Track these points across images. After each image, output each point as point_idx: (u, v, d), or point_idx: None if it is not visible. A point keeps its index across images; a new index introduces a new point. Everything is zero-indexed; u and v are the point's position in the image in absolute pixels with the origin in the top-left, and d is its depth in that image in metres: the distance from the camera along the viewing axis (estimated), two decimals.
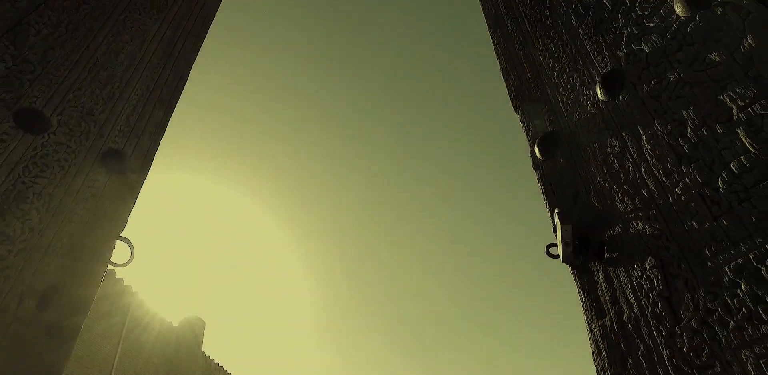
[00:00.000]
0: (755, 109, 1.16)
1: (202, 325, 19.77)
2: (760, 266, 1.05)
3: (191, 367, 18.10)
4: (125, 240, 1.82)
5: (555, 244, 1.61)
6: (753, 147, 1.14)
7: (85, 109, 1.94)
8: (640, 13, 1.60)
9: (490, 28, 2.53)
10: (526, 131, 1.98)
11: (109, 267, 1.79)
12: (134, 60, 2.24)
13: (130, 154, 2.02)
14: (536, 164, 1.86)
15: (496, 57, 2.39)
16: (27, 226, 1.58)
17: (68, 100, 1.89)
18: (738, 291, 1.08)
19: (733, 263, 1.11)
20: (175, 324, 19.46)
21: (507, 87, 2.20)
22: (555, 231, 1.61)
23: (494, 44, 2.43)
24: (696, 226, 1.22)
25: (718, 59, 1.29)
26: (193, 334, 19.06)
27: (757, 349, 1.01)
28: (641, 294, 1.31)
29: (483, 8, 2.66)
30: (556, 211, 1.58)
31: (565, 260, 1.55)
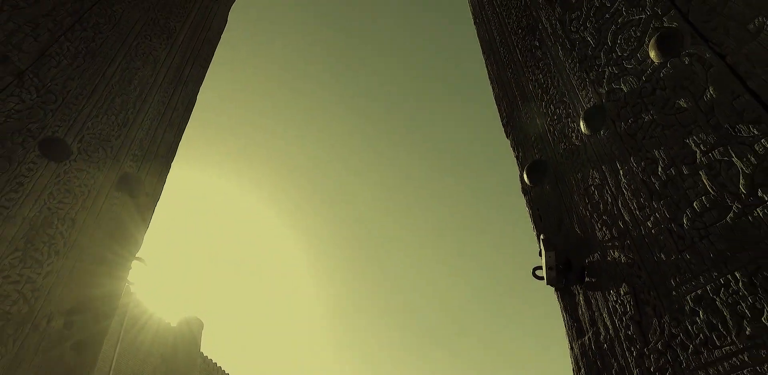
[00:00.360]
0: (714, 154, 1.31)
1: (201, 325, 19.91)
2: (715, 297, 1.20)
3: (189, 367, 18.23)
4: (140, 260, 1.96)
5: (541, 267, 1.76)
6: (712, 189, 1.29)
7: (102, 135, 2.08)
8: (619, 54, 1.74)
9: (484, 53, 2.67)
10: (517, 157, 2.13)
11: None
12: (146, 86, 2.38)
13: (144, 178, 2.16)
14: (525, 190, 2.00)
15: (489, 81, 2.53)
16: (53, 249, 1.72)
17: (87, 127, 2.03)
18: (697, 318, 1.23)
19: (693, 293, 1.26)
20: (173, 324, 19.59)
21: (499, 112, 2.35)
22: (541, 255, 1.76)
23: (488, 69, 2.57)
24: (664, 257, 1.36)
25: (685, 105, 1.44)
26: (192, 334, 19.19)
27: (711, 371, 1.15)
28: (616, 317, 1.46)
29: (477, 33, 2.80)
30: (541, 237, 1.73)
31: (549, 283, 1.70)
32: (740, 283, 1.16)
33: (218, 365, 20.38)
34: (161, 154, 2.29)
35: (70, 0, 2.23)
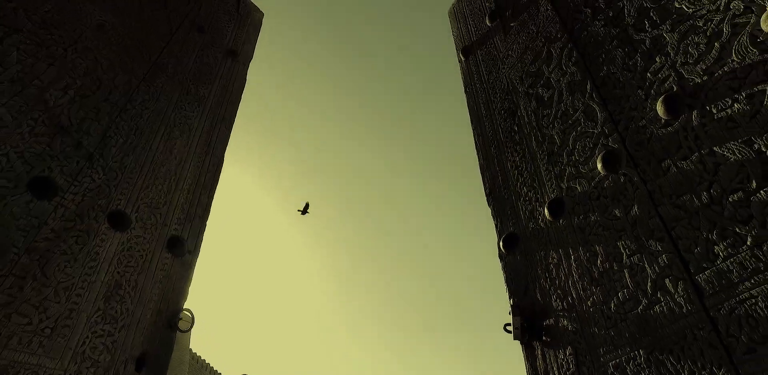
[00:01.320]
0: (634, 259, 1.83)
1: (191, 320, 20.34)
2: (626, 366, 1.73)
3: (178, 364, 18.72)
4: (188, 310, 2.46)
5: (510, 324, 2.28)
6: (631, 285, 1.81)
7: (153, 204, 2.56)
8: (577, 158, 2.26)
9: (472, 123, 3.17)
10: (495, 225, 2.64)
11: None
12: (184, 154, 2.86)
13: (187, 238, 2.65)
14: (501, 256, 2.52)
15: (475, 151, 3.03)
16: (124, 307, 2.21)
17: (140, 198, 2.51)
18: None
19: (614, 361, 1.79)
20: None
21: (483, 182, 2.86)
22: (510, 314, 2.28)
23: (474, 139, 3.07)
24: (597, 331, 1.89)
25: (619, 215, 1.96)
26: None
27: None
28: (562, 372, 1.99)
29: (467, 101, 3.30)
30: (511, 302, 2.25)
31: (515, 338, 2.22)
32: (642, 359, 1.68)
33: (207, 362, 20.89)
34: (199, 215, 2.77)
35: (122, 83, 2.70)
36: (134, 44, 2.91)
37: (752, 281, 1.42)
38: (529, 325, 2.23)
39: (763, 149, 1.52)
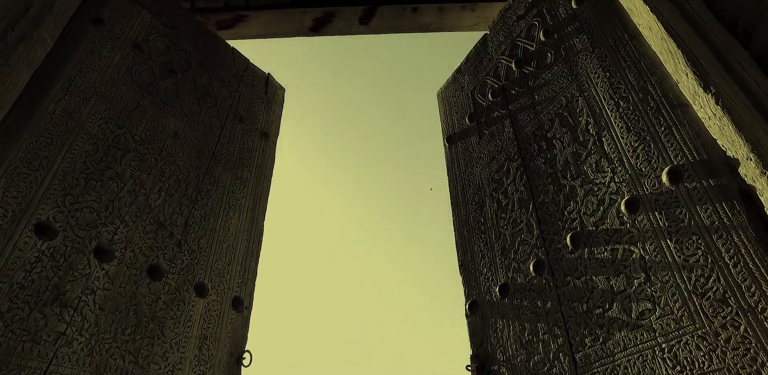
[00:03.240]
0: (545, 337, 3.10)
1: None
2: None
3: None
4: (248, 351, 3.69)
5: (470, 366, 3.56)
6: (542, 353, 3.09)
7: (220, 273, 3.75)
8: (519, 257, 3.50)
9: (452, 203, 4.38)
10: (464, 291, 3.90)
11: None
12: (237, 230, 4.03)
13: (244, 297, 3.86)
14: (466, 315, 3.78)
15: (453, 227, 4.26)
16: (210, 353, 3.43)
17: (212, 270, 3.70)
18: None
19: None
20: None
21: (457, 254, 4.09)
22: (470, 359, 3.55)
23: (452, 217, 4.29)
24: None
25: (540, 305, 3.21)
26: None
27: None
28: None
29: (449, 185, 4.50)
30: (471, 351, 3.52)
31: None
32: None
33: None
34: (251, 278, 3.96)
35: (193, 178, 3.86)
36: (198, 143, 4.04)
37: (598, 363, 2.70)
38: (482, 367, 3.50)
39: (613, 286, 2.78)
